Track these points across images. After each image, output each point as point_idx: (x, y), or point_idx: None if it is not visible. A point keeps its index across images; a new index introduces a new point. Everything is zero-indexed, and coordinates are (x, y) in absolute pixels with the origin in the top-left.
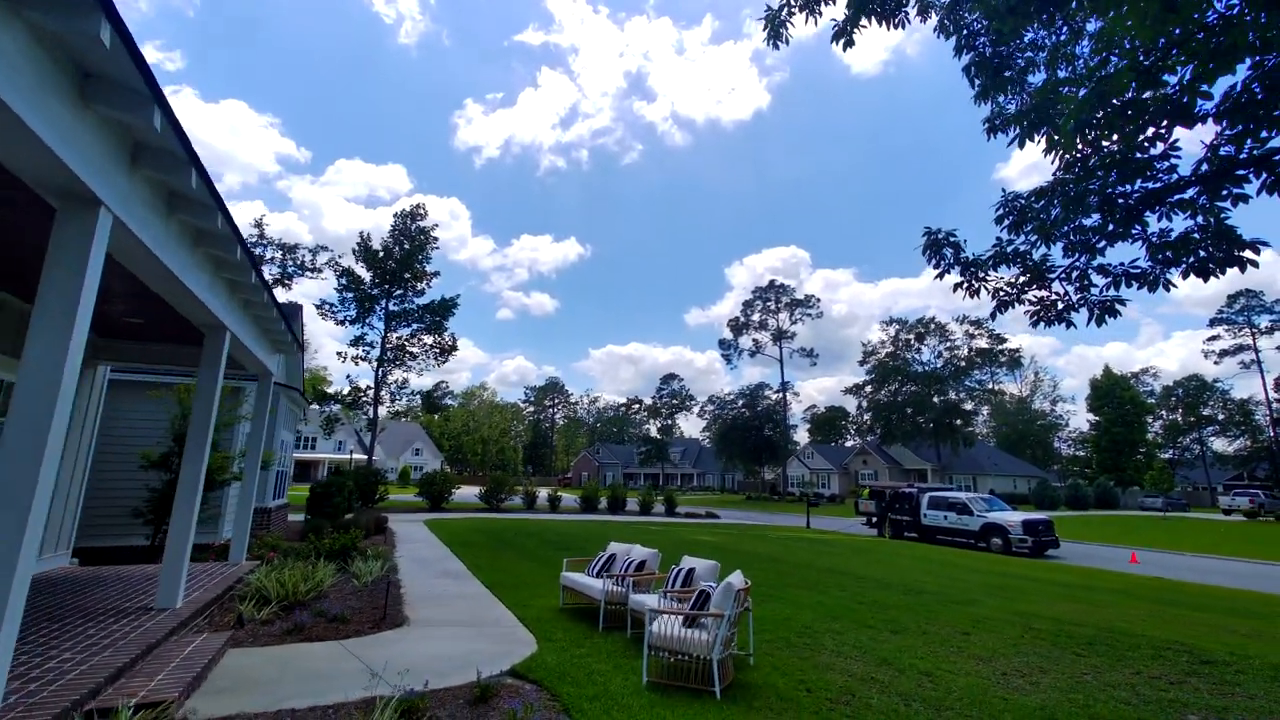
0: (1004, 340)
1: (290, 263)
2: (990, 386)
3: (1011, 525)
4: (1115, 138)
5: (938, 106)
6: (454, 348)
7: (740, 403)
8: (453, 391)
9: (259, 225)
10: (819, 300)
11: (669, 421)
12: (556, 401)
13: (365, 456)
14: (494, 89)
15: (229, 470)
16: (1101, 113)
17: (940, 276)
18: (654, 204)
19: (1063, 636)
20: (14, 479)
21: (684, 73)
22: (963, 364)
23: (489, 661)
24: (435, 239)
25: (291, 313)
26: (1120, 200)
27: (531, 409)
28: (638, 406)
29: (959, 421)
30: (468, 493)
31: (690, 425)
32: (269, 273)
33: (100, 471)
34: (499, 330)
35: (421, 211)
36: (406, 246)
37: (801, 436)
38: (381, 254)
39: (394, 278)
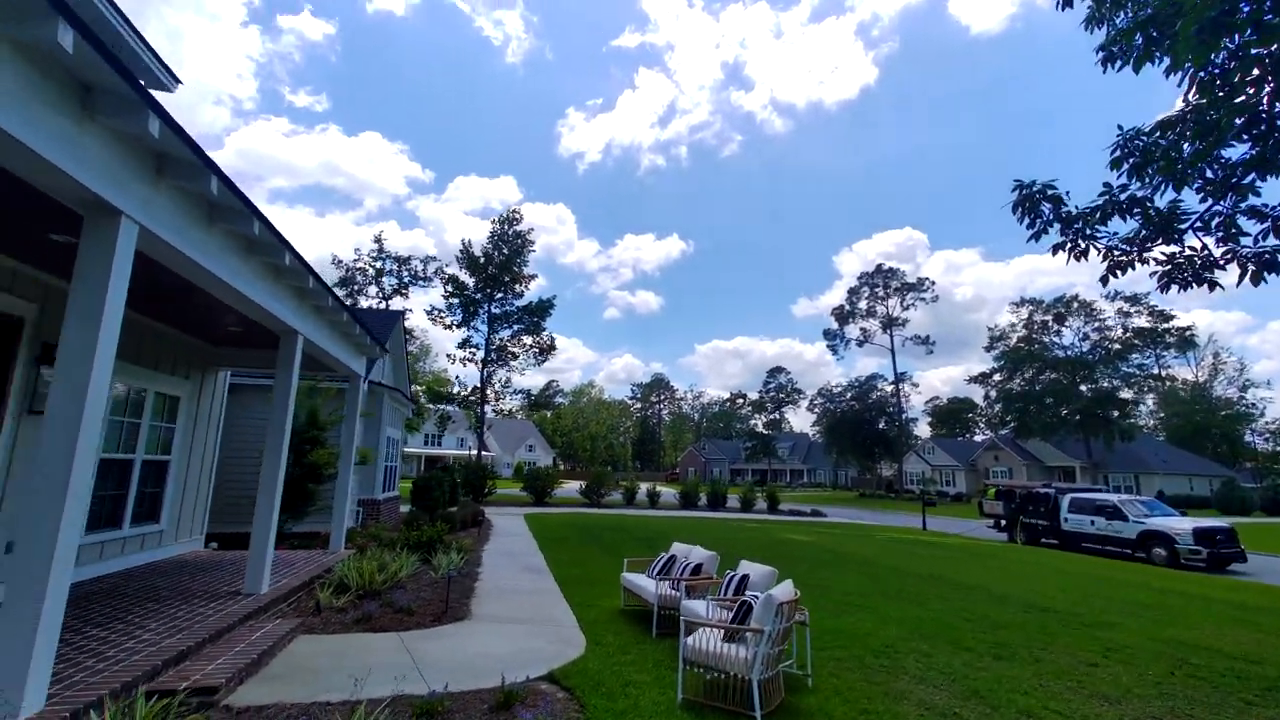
0: (1170, 317)
1: (406, 273)
2: (1156, 371)
3: (1178, 533)
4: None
5: (1076, 59)
6: (552, 347)
7: (849, 395)
8: (563, 390)
9: (378, 241)
10: (933, 283)
11: (776, 416)
12: (662, 398)
13: (476, 452)
14: (594, 95)
15: (334, 465)
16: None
17: (1036, 237)
18: (755, 194)
19: (1229, 677)
20: (50, 475)
21: (782, 56)
22: (1117, 346)
23: (533, 663)
24: (532, 242)
25: (391, 320)
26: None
27: (638, 405)
28: (742, 401)
29: (1114, 413)
30: (574, 488)
31: (800, 420)
32: (388, 284)
33: (229, 465)
34: (606, 329)
35: (517, 216)
36: (505, 251)
37: (924, 430)
38: (483, 260)
39: (494, 282)
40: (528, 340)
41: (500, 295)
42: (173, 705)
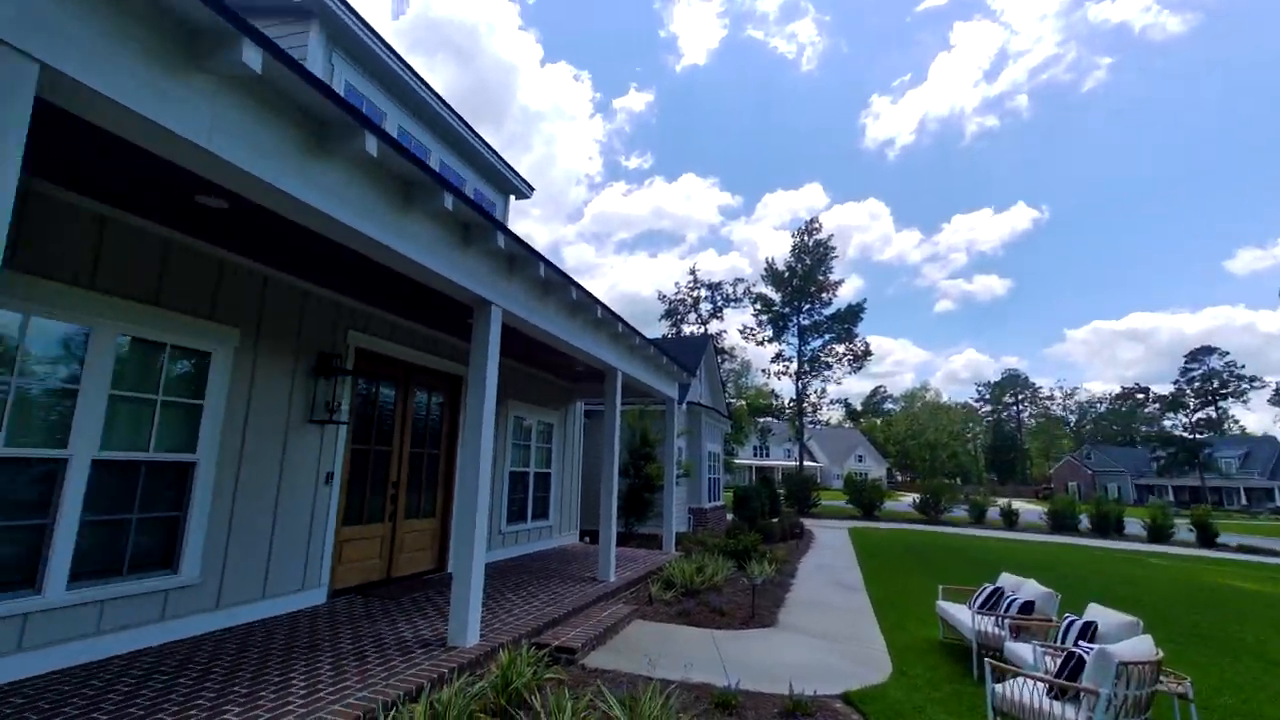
0: None
1: (719, 298)
2: None
3: None
4: None
5: None
6: (867, 354)
7: None
8: (891, 395)
9: (693, 273)
10: None
11: (1212, 413)
12: (1021, 397)
13: (797, 463)
14: (900, 72)
15: (662, 478)
16: None
17: None
18: (1136, 127)
19: None
20: (467, 491)
21: None
22: None
23: (829, 679)
24: (834, 249)
25: (700, 345)
26: None
27: (988, 408)
28: (1144, 397)
29: None
30: (908, 501)
31: (1261, 417)
32: (705, 310)
33: (590, 475)
34: (939, 324)
35: (816, 226)
36: (808, 262)
37: None
38: (786, 274)
39: (800, 294)
40: (839, 349)
41: (807, 306)
42: (543, 657)
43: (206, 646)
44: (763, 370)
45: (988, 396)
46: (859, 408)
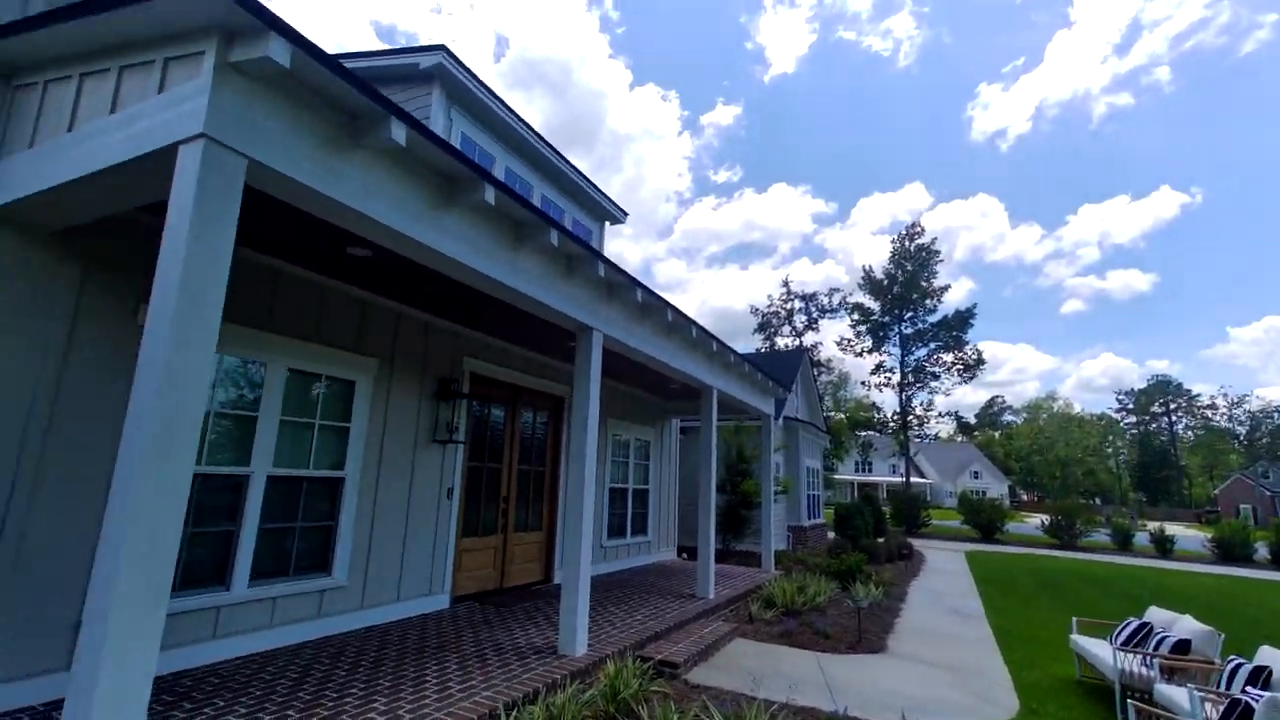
0: None
1: (814, 309)
2: None
3: None
4: None
5: None
6: (979, 362)
7: None
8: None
9: (786, 285)
10: None
11: None
12: (1174, 406)
13: (904, 480)
14: (1011, 57)
15: (759, 494)
16: None
17: None
18: None
19: None
20: (573, 506)
21: None
22: None
23: (946, 713)
24: (938, 253)
25: (795, 358)
26: None
27: (1131, 419)
28: None
29: None
30: (1035, 523)
31: None
32: (799, 321)
33: (686, 491)
34: (1067, 327)
35: (918, 230)
36: (909, 268)
37: None
38: (885, 281)
39: (901, 302)
40: (947, 357)
41: (909, 314)
42: (648, 670)
43: (354, 642)
44: (862, 382)
45: (1131, 406)
46: (972, 420)
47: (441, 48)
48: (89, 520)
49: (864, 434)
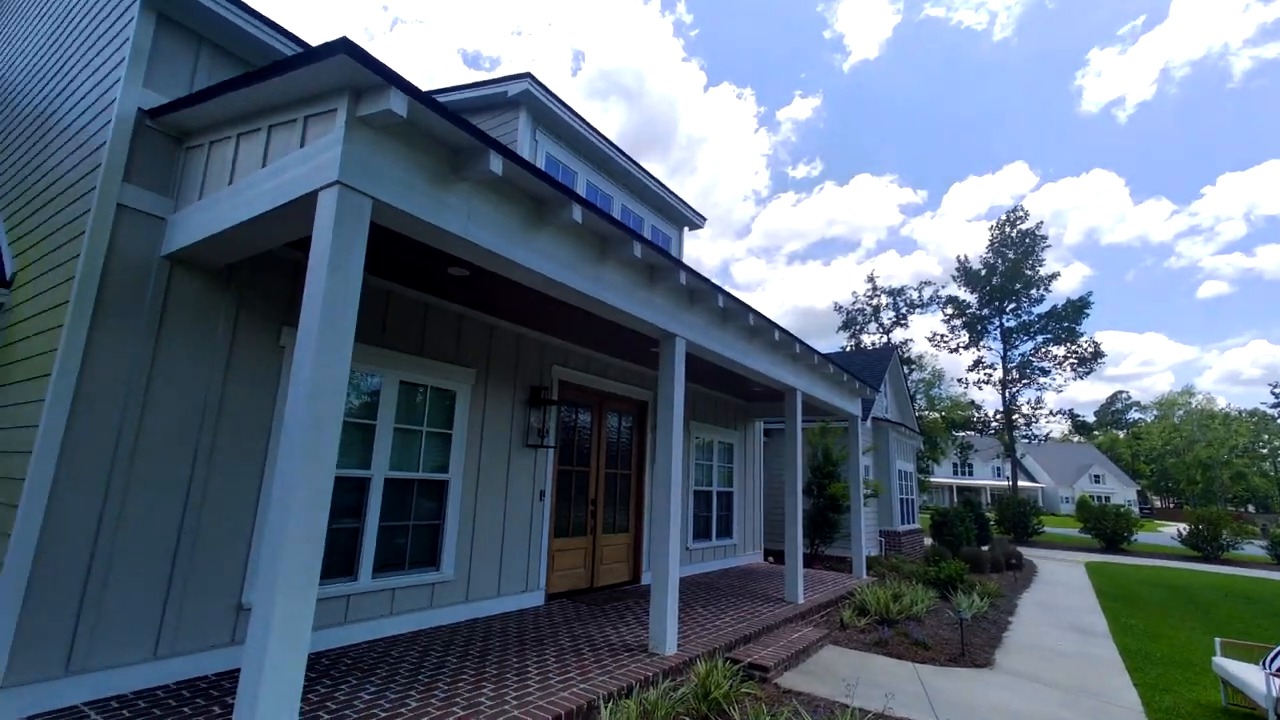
0: None
1: (902, 304)
2: None
3: None
4: None
5: None
6: (1096, 355)
7: None
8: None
9: (871, 280)
10: None
11: None
12: None
13: (1010, 483)
14: (1129, 17)
15: (848, 498)
16: None
17: None
18: None
19: None
20: (660, 508)
21: None
22: None
23: None
24: (1044, 238)
25: (883, 357)
26: None
27: None
28: None
29: None
30: (1170, 532)
31: None
32: (887, 318)
33: (771, 494)
34: (1206, 312)
35: (1020, 214)
36: (1010, 256)
37: None
38: (983, 271)
39: (1002, 293)
40: (1058, 351)
41: (1012, 306)
42: (738, 672)
43: (462, 632)
44: (958, 380)
45: None
46: (1091, 419)
47: (527, 75)
48: (245, 514)
49: (962, 434)
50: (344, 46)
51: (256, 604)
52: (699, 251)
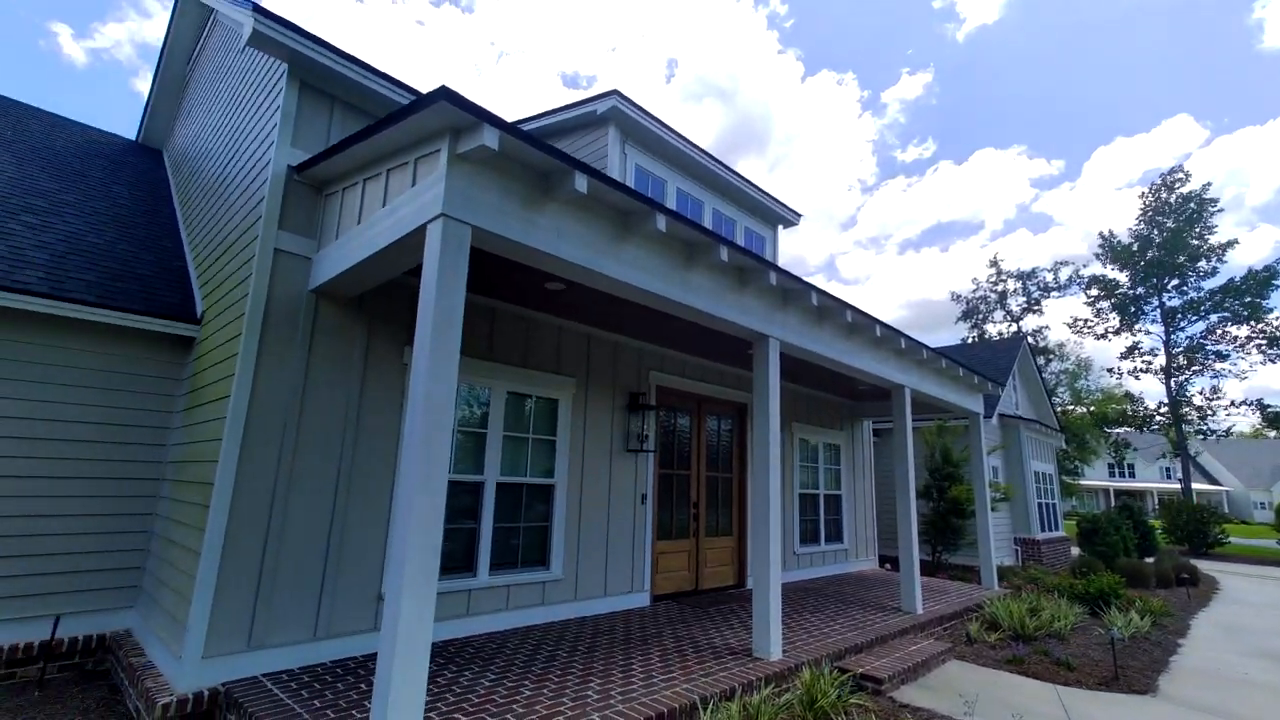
0: None
1: (1034, 288)
2: None
3: None
4: None
5: None
6: None
7: None
8: None
9: (995, 264)
10: None
11: None
12: None
13: (1181, 486)
14: None
15: (973, 502)
16: None
17: None
18: None
19: None
20: (759, 511)
21: None
22: None
23: None
24: (1213, 201)
25: (1010, 348)
26: None
27: None
28: None
29: None
30: None
31: None
32: (1015, 305)
33: (885, 497)
34: None
35: (1180, 176)
36: (1169, 225)
37: None
38: (1135, 246)
39: (1160, 268)
40: (1238, 331)
41: (1174, 282)
42: (847, 681)
43: (571, 629)
44: (1109, 369)
45: None
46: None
47: (614, 93)
48: (380, 511)
49: (1118, 431)
50: (443, 94)
51: (388, 596)
52: (800, 248)
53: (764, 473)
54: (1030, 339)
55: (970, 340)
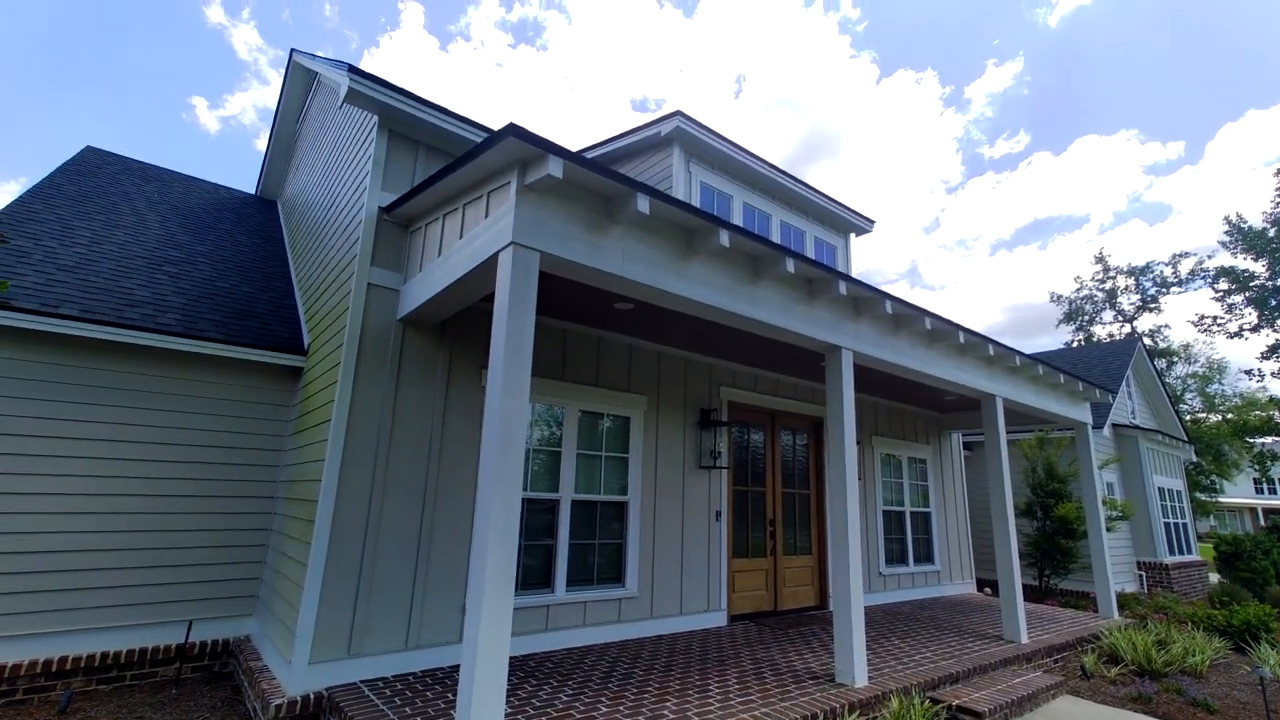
0: None
1: (1148, 284)
2: None
3: None
4: None
5: None
6: None
7: None
8: None
9: (1101, 260)
10: None
11: None
12: None
13: None
14: None
15: (1084, 521)
16: None
17: None
18: None
19: None
20: (837, 530)
21: None
22: None
23: None
24: None
25: (1122, 351)
26: None
27: None
28: None
29: None
30: None
31: None
32: (1125, 303)
33: (980, 515)
34: None
35: None
36: None
37: None
38: (1271, 231)
39: None
40: None
41: None
42: (942, 713)
43: (646, 647)
44: (1247, 371)
45: None
46: None
47: (677, 114)
48: (463, 527)
49: (1263, 441)
50: (511, 130)
51: (469, 608)
52: (879, 255)
53: (841, 488)
54: (1147, 340)
55: (1075, 344)
